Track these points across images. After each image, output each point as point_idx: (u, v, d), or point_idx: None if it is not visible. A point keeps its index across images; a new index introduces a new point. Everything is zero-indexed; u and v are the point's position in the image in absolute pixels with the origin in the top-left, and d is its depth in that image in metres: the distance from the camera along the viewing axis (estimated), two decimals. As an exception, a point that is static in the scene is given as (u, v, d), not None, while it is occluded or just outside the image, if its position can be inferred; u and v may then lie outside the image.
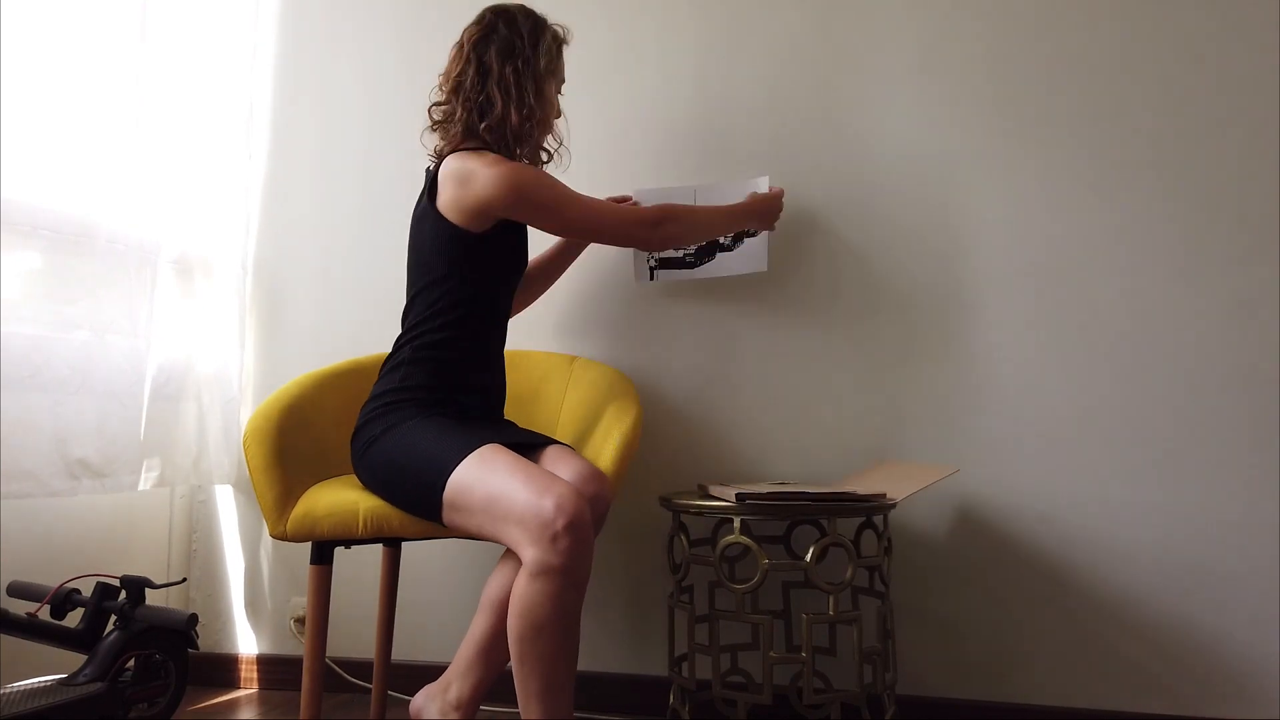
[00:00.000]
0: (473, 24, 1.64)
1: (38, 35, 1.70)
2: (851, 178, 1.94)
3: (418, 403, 1.53)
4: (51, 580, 1.65)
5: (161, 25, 1.97)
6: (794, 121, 1.97)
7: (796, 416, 1.92)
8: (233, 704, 1.99)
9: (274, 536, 1.55)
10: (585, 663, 1.83)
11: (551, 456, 1.54)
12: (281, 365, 2.16)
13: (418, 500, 1.45)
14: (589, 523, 1.34)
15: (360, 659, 2.05)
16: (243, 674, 2.12)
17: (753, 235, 1.92)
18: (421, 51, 2.17)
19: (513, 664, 1.36)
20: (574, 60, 2.07)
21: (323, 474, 1.65)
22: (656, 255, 1.94)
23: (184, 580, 1.89)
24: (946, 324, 1.88)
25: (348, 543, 1.56)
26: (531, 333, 2.00)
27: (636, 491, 1.95)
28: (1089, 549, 1.79)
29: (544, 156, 1.73)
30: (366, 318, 2.13)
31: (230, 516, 2.18)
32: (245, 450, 1.58)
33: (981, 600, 1.82)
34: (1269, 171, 1.77)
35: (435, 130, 1.66)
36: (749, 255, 1.91)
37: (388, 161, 2.17)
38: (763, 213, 1.83)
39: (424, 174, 1.69)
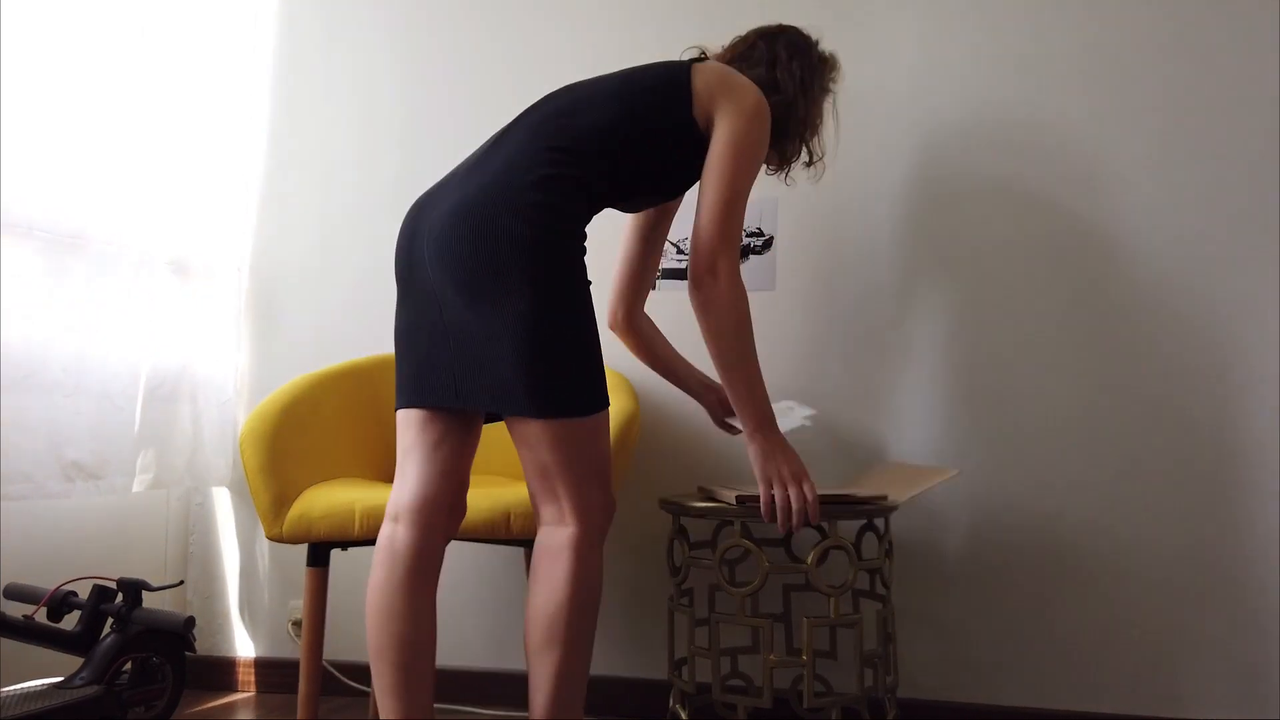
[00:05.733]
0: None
1: (36, 36, 1.69)
2: (846, 176, 1.94)
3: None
4: (48, 583, 1.64)
5: (160, 26, 1.97)
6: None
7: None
8: (230, 707, 1.98)
9: (270, 538, 1.55)
10: (584, 666, 1.82)
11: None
12: (277, 367, 2.15)
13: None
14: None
15: (359, 662, 2.04)
16: (240, 677, 2.11)
17: (759, 253, 1.92)
18: (419, 52, 2.17)
19: None
20: (572, 62, 2.07)
21: (319, 476, 1.64)
22: (660, 267, 1.96)
23: (181, 583, 1.88)
24: (946, 325, 1.88)
25: (344, 544, 1.55)
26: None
27: (636, 494, 1.95)
28: (1089, 550, 1.78)
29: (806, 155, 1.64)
30: (363, 319, 2.12)
31: (227, 519, 2.17)
32: (241, 452, 1.58)
33: (983, 603, 1.82)
34: (1269, 171, 1.76)
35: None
36: (756, 274, 1.93)
37: (385, 163, 2.16)
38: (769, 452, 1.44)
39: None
